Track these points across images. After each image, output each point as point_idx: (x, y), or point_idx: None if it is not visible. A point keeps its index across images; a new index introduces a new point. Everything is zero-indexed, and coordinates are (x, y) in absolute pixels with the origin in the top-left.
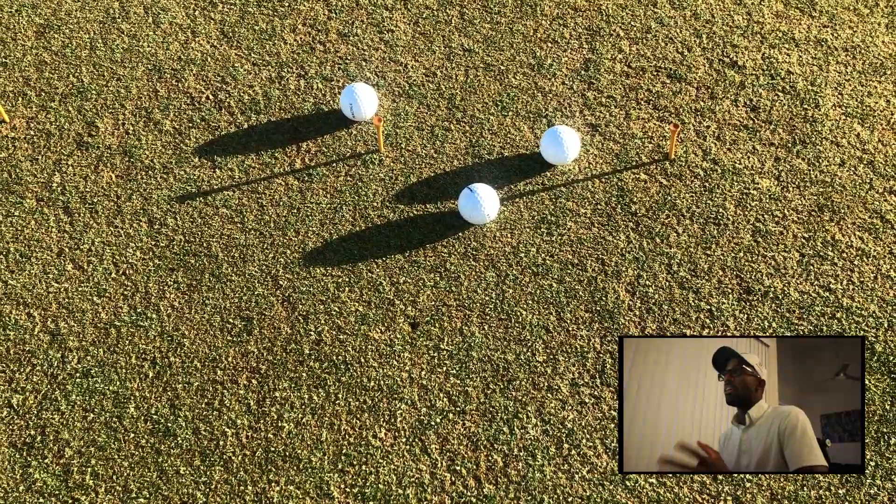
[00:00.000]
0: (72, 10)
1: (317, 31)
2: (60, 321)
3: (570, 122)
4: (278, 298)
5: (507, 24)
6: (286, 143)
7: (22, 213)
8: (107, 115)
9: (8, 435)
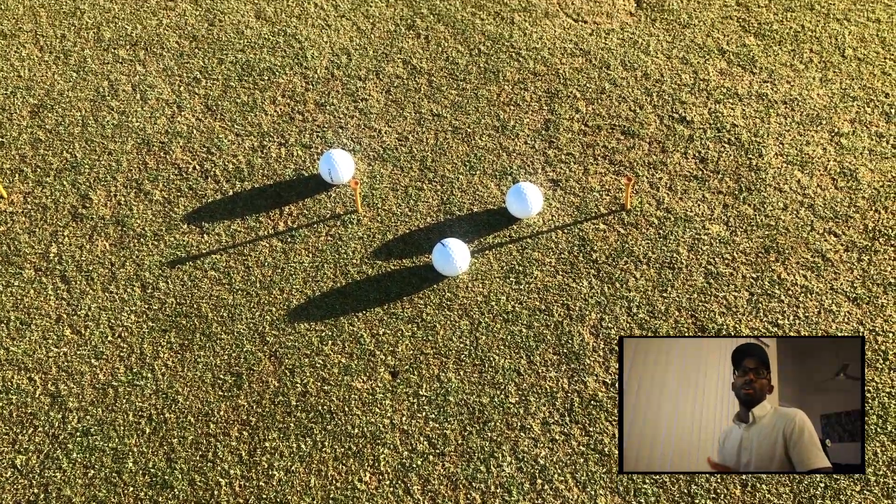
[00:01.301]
0: (64, 90)
1: (295, 101)
2: (60, 384)
3: (533, 179)
4: (266, 354)
5: (472, 89)
6: (269, 207)
7: (21, 282)
8: (99, 188)
9: (13, 494)
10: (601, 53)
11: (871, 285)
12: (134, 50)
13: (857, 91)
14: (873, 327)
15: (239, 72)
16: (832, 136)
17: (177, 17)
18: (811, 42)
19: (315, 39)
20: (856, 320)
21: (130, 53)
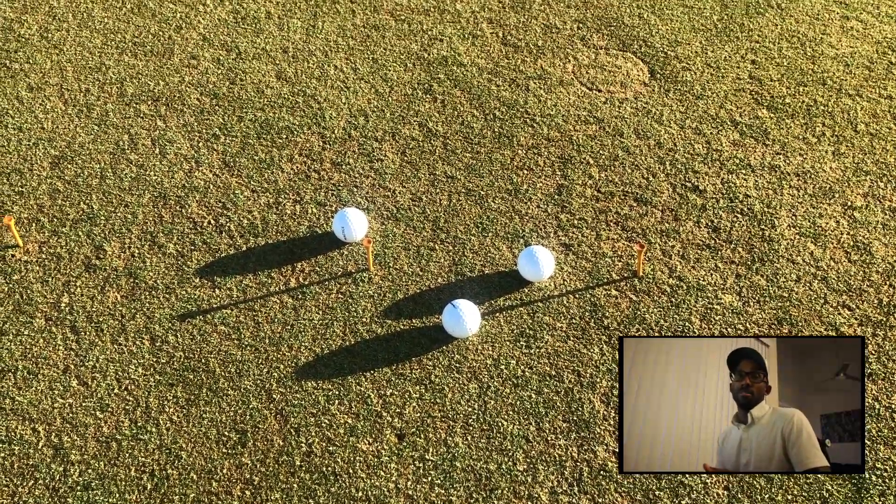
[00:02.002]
0: (85, 143)
1: (312, 160)
2: (64, 435)
3: (545, 243)
4: (271, 412)
5: (487, 153)
6: (282, 263)
7: (31, 332)
8: (114, 240)
9: None
10: (615, 121)
11: (885, 360)
12: (155, 105)
13: (870, 165)
14: (889, 404)
15: (258, 129)
16: (845, 210)
17: (199, 74)
18: (823, 116)
19: (334, 100)
20: (871, 397)
21: (152, 109)
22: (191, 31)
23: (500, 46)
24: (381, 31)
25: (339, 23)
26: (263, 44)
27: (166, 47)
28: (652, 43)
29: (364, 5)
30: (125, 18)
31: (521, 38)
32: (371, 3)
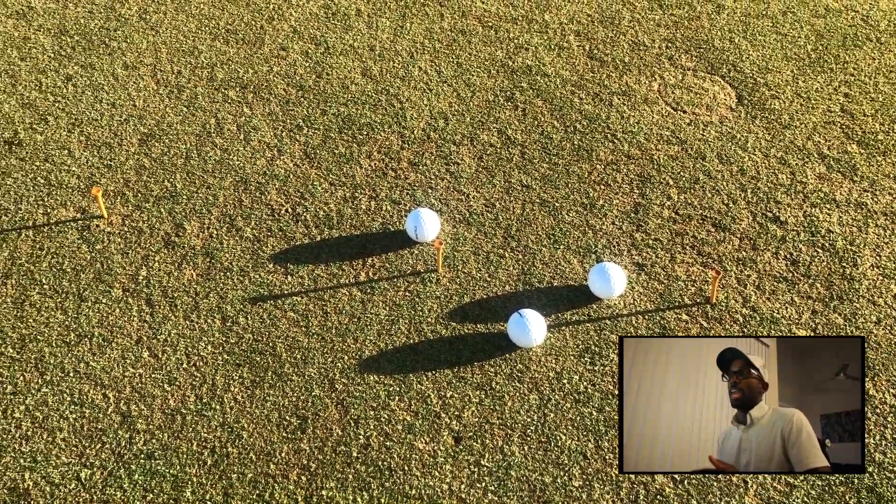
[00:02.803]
0: (173, 123)
1: (390, 158)
2: (132, 404)
3: (617, 260)
4: (333, 401)
5: (564, 165)
6: (353, 256)
7: (109, 301)
8: (194, 219)
9: None
10: (698, 144)
11: None
12: (243, 92)
13: None
14: None
15: (340, 124)
16: None
17: (287, 66)
18: None
19: (416, 101)
20: None
21: (239, 95)
22: (282, 23)
23: (586, 60)
24: (468, 35)
25: (427, 25)
26: (351, 40)
27: (258, 36)
28: (742, 68)
29: (452, 9)
30: (220, 5)
31: (607, 52)
32: (460, 7)
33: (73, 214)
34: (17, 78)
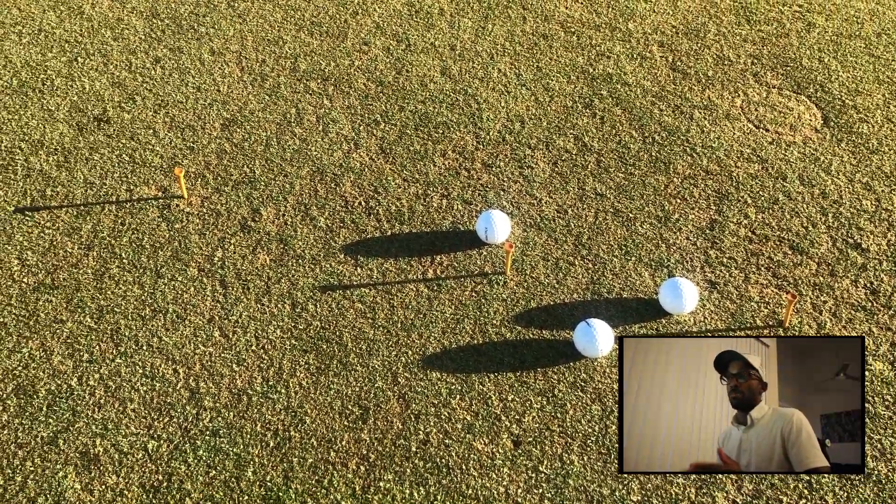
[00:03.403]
0: (255, 110)
1: (464, 158)
2: (201, 381)
3: (690, 276)
4: (395, 394)
5: (640, 176)
6: (422, 253)
7: (184, 279)
8: (270, 205)
9: (139, 476)
10: (779, 164)
11: None
12: (324, 84)
13: None
14: None
15: (416, 121)
16: None
17: (368, 61)
18: None
19: (493, 103)
20: None
21: (320, 87)
22: (366, 18)
23: (669, 71)
24: (549, 40)
25: (509, 27)
26: (433, 39)
27: (341, 30)
28: (830, 89)
29: (535, 13)
30: None
31: (691, 65)
32: (543, 11)
33: (155, 193)
34: (109, 57)
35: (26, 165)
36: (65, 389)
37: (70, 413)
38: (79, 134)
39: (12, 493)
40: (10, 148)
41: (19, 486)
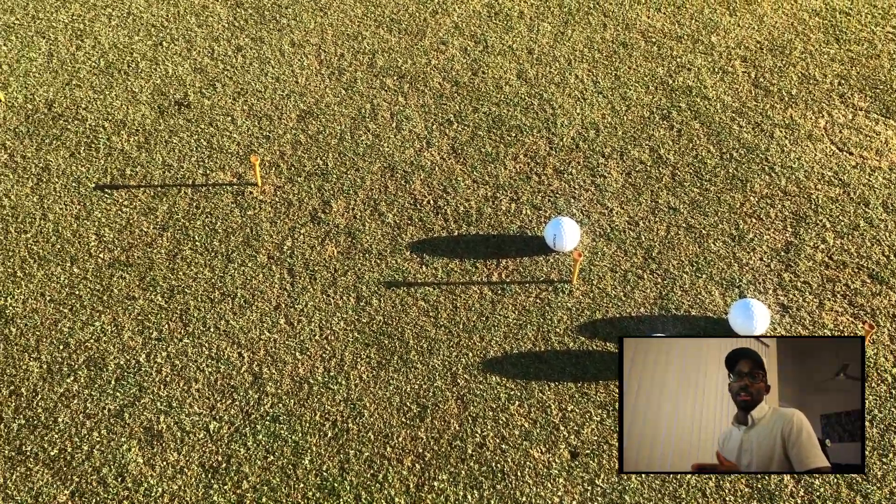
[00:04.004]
0: (331, 104)
1: (535, 163)
2: (264, 367)
3: (762, 298)
4: (453, 395)
5: (716, 192)
6: (488, 256)
7: (254, 265)
8: (341, 198)
9: (199, 455)
10: (862, 189)
11: None
12: (400, 82)
13: None
14: None
15: (489, 123)
16: None
17: (445, 60)
18: None
19: (568, 109)
20: None
21: (396, 84)
22: (445, 18)
23: (751, 87)
24: (629, 49)
25: (589, 34)
26: (511, 41)
27: (420, 28)
28: None
29: (616, 21)
30: None
31: (774, 82)
32: (624, 19)
33: (230, 179)
34: (193, 43)
35: (108, 144)
36: (133, 365)
37: (137, 388)
38: (160, 116)
39: (79, 461)
40: (95, 126)
41: (85, 455)
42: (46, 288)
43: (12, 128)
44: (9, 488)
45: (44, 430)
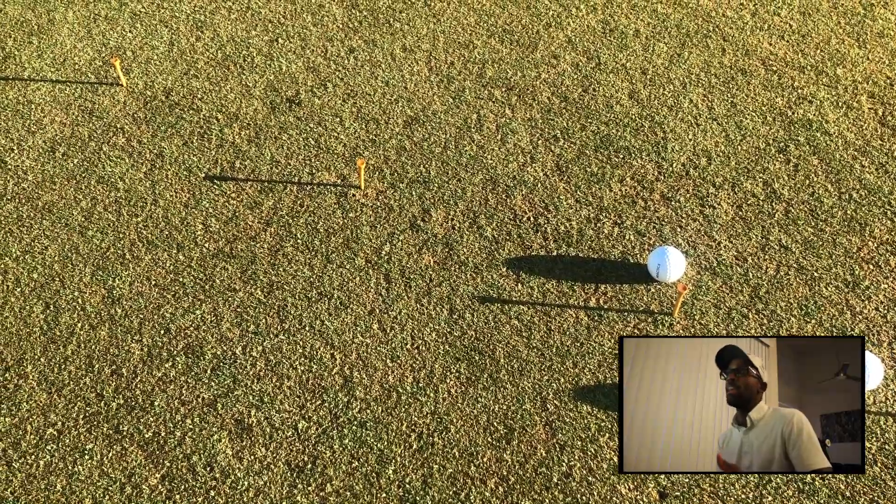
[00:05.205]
0: (438, 111)
1: (643, 187)
2: (355, 370)
3: (875, 351)
4: (542, 420)
5: (832, 234)
6: (586, 279)
7: (352, 268)
8: (441, 208)
9: (286, 453)
10: None
11: None
12: (508, 94)
13: None
14: None
15: (597, 142)
16: None
17: (556, 74)
18: None
19: (680, 134)
20: None
21: (504, 96)
22: (558, 31)
23: (877, 125)
24: (748, 76)
25: (706, 58)
26: (625, 60)
27: (532, 41)
28: None
29: (736, 46)
30: (501, 4)
31: None
32: (744, 45)
33: (334, 179)
34: (307, 42)
35: (220, 136)
36: (229, 356)
37: (231, 380)
38: (271, 112)
39: (171, 445)
40: (208, 117)
41: (178, 441)
42: (152, 272)
43: (131, 113)
44: (104, 465)
45: (140, 412)
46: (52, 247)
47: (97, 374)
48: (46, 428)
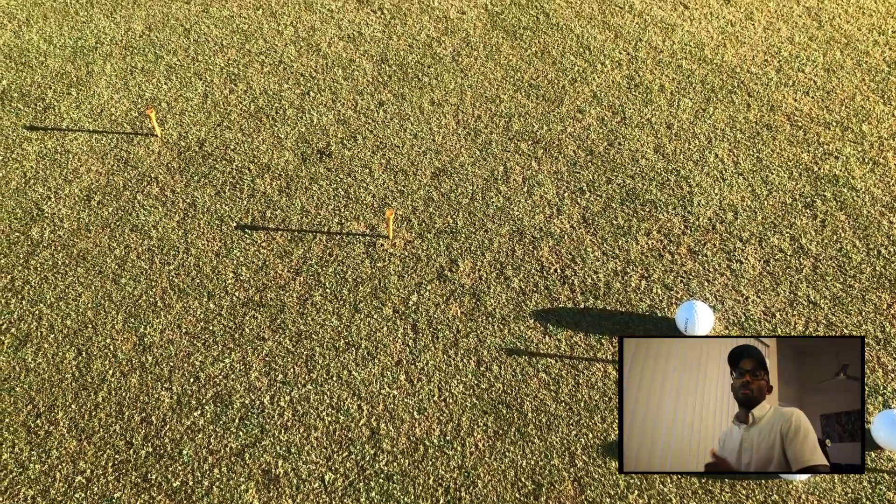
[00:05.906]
0: (465, 163)
1: (669, 241)
2: (382, 422)
3: None
4: (570, 476)
5: (861, 290)
6: (614, 332)
7: (379, 318)
8: (468, 258)
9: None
10: None
11: None
12: (534, 147)
13: None
14: None
15: (623, 196)
16: None
17: (581, 129)
18: None
19: (706, 188)
20: None
21: (530, 149)
22: (584, 86)
23: None
24: (773, 131)
25: (731, 113)
26: (650, 114)
27: (558, 95)
28: None
29: (762, 101)
30: (528, 60)
31: None
32: (769, 100)
33: (363, 229)
34: (338, 95)
35: (252, 186)
36: (257, 405)
37: (259, 430)
38: (302, 163)
39: (199, 495)
40: (241, 167)
41: (205, 491)
42: (183, 320)
43: (165, 163)
44: None
45: (169, 460)
46: (86, 294)
47: (127, 421)
48: (75, 476)
